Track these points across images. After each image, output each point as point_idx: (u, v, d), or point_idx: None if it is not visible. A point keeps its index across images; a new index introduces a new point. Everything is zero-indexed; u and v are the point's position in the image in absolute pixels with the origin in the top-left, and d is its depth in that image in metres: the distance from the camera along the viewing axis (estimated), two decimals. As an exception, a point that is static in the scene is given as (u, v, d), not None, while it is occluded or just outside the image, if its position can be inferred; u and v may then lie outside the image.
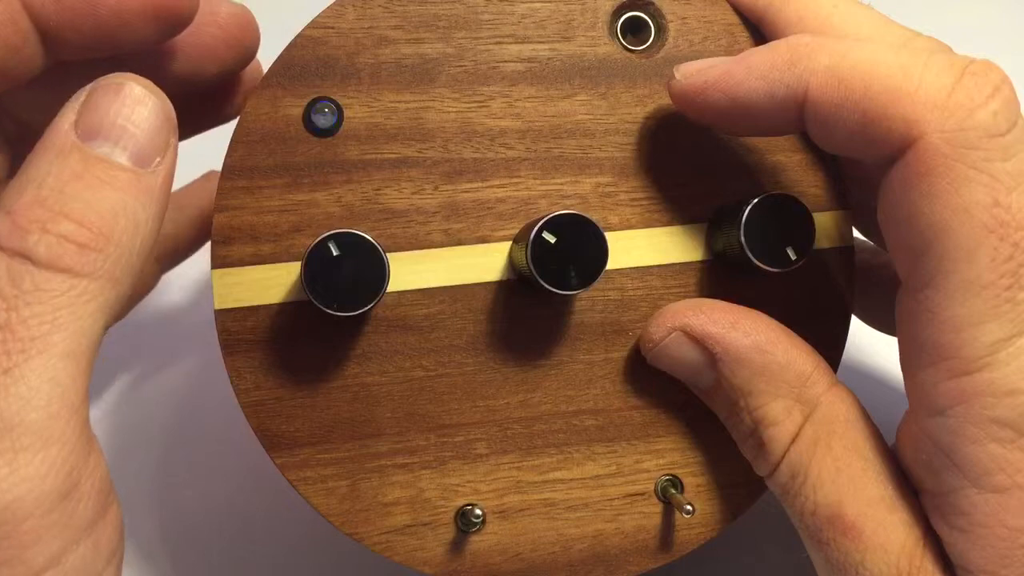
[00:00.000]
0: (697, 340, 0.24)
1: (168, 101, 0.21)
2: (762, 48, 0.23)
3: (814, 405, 0.23)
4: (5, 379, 0.17)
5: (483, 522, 0.25)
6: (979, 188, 0.20)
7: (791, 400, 0.23)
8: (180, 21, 0.23)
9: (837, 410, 0.23)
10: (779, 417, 0.23)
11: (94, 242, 0.19)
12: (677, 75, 0.24)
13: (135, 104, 0.20)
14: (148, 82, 0.21)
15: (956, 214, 0.20)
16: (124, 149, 0.20)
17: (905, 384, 0.23)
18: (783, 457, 0.23)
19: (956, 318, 0.20)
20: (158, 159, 0.20)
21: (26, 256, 0.18)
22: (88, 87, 0.20)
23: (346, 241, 0.22)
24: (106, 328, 0.19)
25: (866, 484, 0.22)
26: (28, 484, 0.17)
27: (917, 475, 0.22)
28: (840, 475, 0.23)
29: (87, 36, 0.22)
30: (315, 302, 0.22)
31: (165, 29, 0.23)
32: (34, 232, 0.18)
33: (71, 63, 0.23)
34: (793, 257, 0.24)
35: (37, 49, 0.22)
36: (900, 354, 0.23)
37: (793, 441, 0.23)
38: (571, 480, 0.26)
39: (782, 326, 0.24)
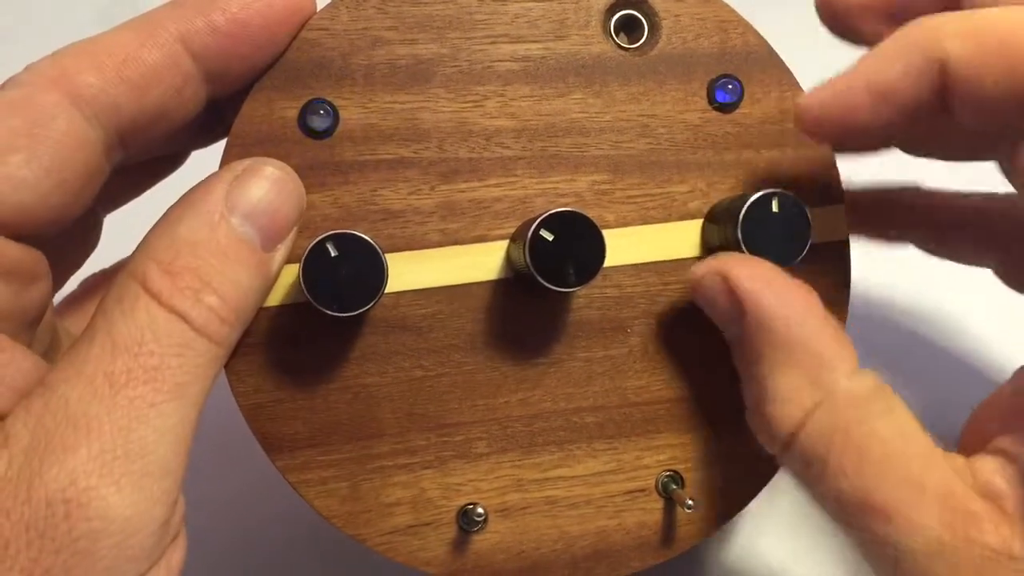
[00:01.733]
0: (730, 290, 0.24)
1: (303, 190, 0.24)
2: (888, 38, 0.23)
3: (828, 392, 0.23)
4: (150, 412, 0.20)
5: (485, 521, 0.25)
6: None
7: (801, 381, 0.23)
8: (304, 22, 0.24)
9: (857, 396, 0.23)
10: (784, 394, 0.23)
11: (229, 318, 0.22)
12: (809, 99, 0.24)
13: (278, 192, 0.23)
14: (292, 171, 0.24)
15: None
16: (259, 233, 0.22)
17: None
18: (791, 441, 0.23)
19: None
20: (280, 245, 0.23)
21: (184, 317, 0.21)
22: (246, 163, 0.23)
23: (344, 242, 0.22)
24: None
25: (890, 467, 0.22)
26: (145, 505, 0.19)
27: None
28: (863, 463, 0.22)
29: (245, 61, 0.24)
30: (314, 303, 0.22)
31: (295, 34, 0.24)
32: (189, 298, 0.21)
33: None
34: (789, 255, 0.24)
35: (198, 88, 0.23)
36: None
37: (802, 427, 0.23)
38: (572, 477, 0.26)
39: (821, 307, 0.24)
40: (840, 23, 0.26)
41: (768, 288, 0.23)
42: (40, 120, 0.21)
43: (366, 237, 0.22)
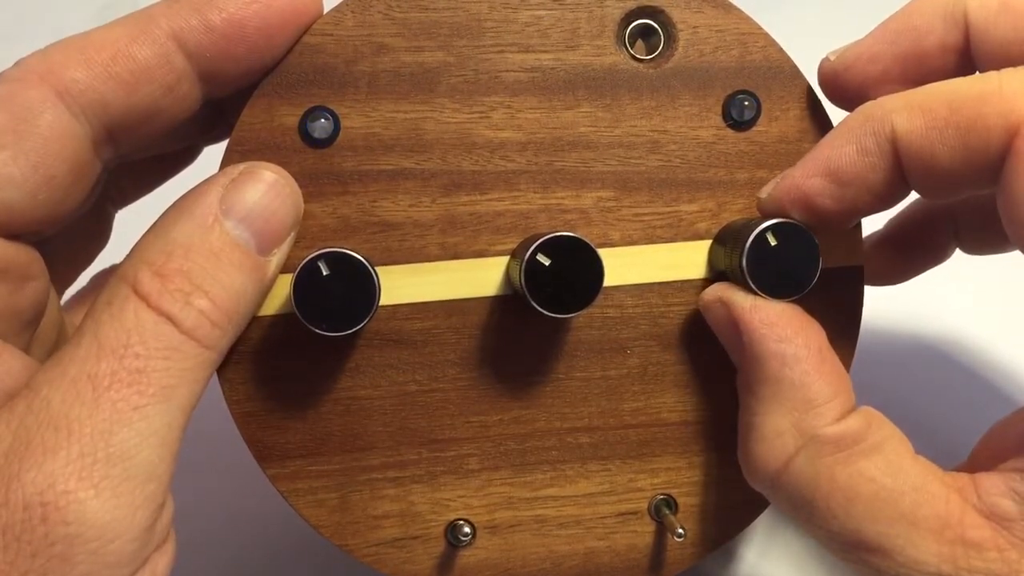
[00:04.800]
0: (733, 320, 0.23)
1: (300, 195, 0.24)
2: (839, 123, 0.23)
3: (809, 437, 0.22)
4: (133, 415, 0.20)
5: (473, 537, 0.25)
6: None
7: (787, 423, 0.23)
8: (308, 25, 0.24)
9: (841, 441, 0.22)
10: (768, 434, 0.23)
11: (220, 321, 0.21)
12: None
13: (275, 196, 0.23)
14: (289, 176, 0.23)
15: None
16: (253, 236, 0.22)
17: None
18: (773, 483, 0.23)
19: None
20: (276, 249, 0.23)
21: (172, 320, 0.20)
22: (241, 167, 0.23)
23: (336, 261, 0.22)
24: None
25: (880, 505, 0.22)
26: (125, 511, 0.19)
27: None
28: (852, 504, 0.22)
29: (241, 63, 0.23)
30: (304, 322, 0.22)
31: (297, 37, 0.24)
32: (179, 301, 0.21)
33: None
34: (796, 286, 0.23)
35: (192, 88, 0.23)
36: None
37: (784, 470, 0.22)
38: (563, 497, 0.26)
39: (824, 347, 0.23)
40: (853, 97, 0.25)
41: (767, 326, 0.23)
42: (25, 116, 0.21)
43: (359, 256, 0.22)
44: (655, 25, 0.25)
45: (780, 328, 0.23)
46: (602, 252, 0.23)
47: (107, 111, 0.22)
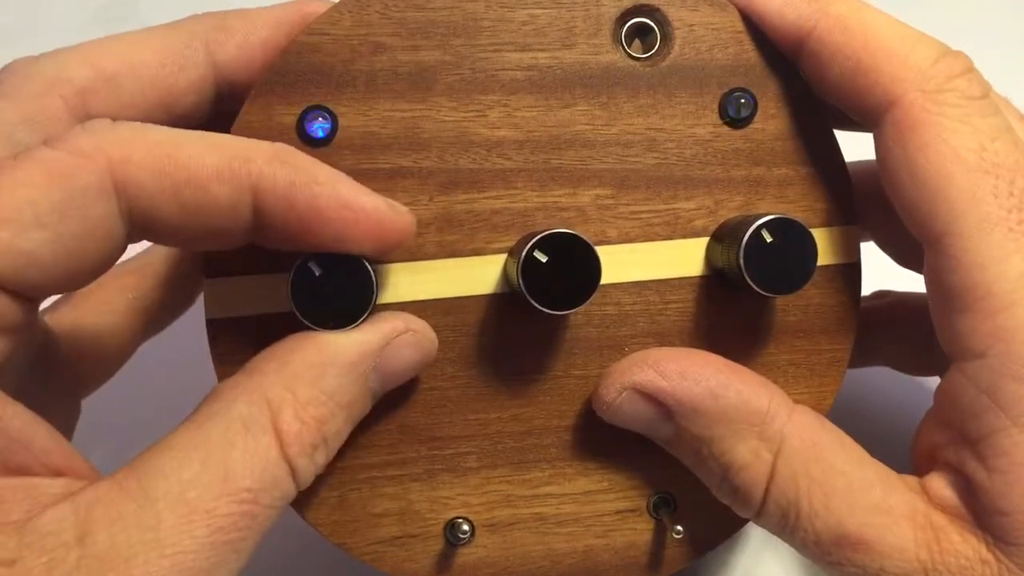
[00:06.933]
0: (649, 396, 0.24)
1: (436, 344, 0.24)
2: None
3: (780, 440, 0.23)
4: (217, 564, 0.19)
5: (472, 535, 0.25)
6: (965, 136, 0.22)
7: (755, 440, 0.23)
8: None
9: (805, 437, 0.23)
10: (747, 459, 0.23)
11: (319, 472, 0.22)
12: None
13: (420, 359, 0.24)
14: (434, 335, 0.24)
15: (950, 160, 0.22)
16: (383, 388, 0.23)
17: (941, 340, 0.23)
18: (765, 498, 0.23)
19: (980, 257, 0.21)
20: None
21: (294, 472, 0.20)
22: (400, 325, 0.23)
23: (329, 259, 0.22)
24: None
25: (855, 496, 0.22)
26: None
27: (958, 422, 0.22)
28: (831, 499, 0.22)
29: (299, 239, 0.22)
30: (304, 320, 0.22)
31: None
32: (307, 454, 0.21)
33: None
34: (794, 281, 0.23)
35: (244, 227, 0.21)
36: (932, 312, 0.23)
37: (771, 481, 0.23)
38: (562, 495, 0.26)
39: (732, 364, 0.24)
40: None
41: (682, 374, 0.23)
42: (78, 202, 0.19)
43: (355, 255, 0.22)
44: (651, 23, 0.25)
45: (691, 372, 0.23)
46: (599, 250, 0.23)
47: (153, 218, 0.21)
